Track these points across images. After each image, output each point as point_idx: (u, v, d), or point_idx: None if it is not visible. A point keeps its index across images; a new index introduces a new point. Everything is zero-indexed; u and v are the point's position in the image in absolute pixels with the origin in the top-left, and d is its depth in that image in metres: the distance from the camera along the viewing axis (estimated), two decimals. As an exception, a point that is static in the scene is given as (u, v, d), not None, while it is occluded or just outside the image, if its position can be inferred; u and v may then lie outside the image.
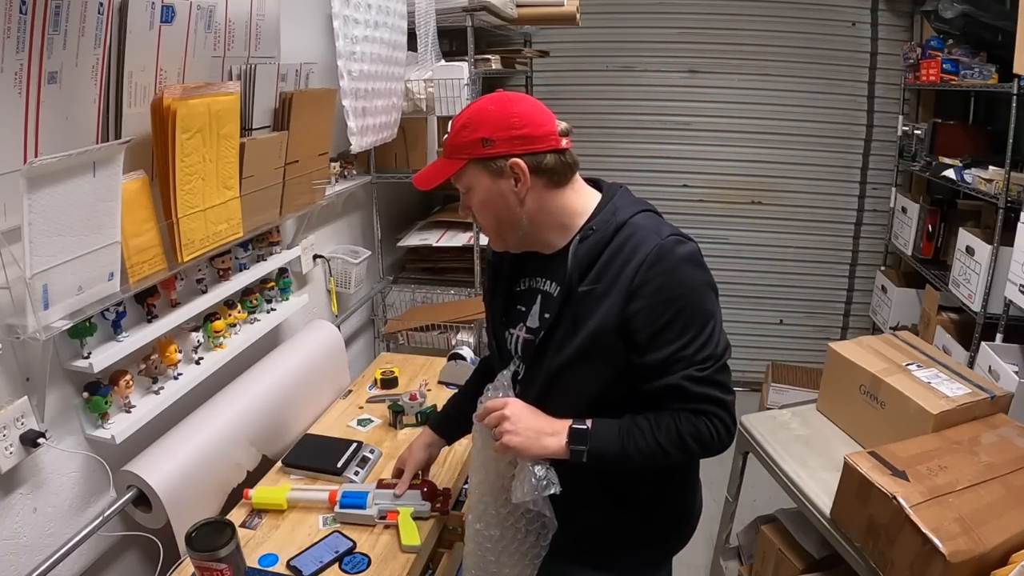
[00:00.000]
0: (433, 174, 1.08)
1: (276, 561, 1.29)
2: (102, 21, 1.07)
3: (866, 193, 3.35)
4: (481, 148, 1.01)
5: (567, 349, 1.04)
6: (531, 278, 1.15)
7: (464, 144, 1.03)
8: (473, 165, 1.03)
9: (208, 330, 1.51)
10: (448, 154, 1.06)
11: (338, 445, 1.64)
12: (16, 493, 1.14)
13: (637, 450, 1.01)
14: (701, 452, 1.03)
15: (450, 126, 1.07)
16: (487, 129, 1.01)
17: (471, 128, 1.02)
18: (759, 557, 1.81)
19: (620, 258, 1.00)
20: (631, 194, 1.11)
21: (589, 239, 1.03)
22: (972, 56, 2.54)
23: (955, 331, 2.48)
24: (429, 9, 2.18)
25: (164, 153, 1.21)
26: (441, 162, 1.08)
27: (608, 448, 1.02)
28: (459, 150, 1.04)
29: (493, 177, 1.03)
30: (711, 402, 1.00)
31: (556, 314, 1.05)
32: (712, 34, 3.24)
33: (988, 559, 1.14)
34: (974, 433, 1.44)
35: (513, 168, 1.02)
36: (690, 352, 0.98)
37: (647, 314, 0.98)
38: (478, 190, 1.05)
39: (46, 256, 0.98)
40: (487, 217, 1.08)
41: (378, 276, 2.58)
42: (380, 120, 2.02)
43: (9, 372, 1.09)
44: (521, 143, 1.01)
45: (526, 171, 1.02)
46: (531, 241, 1.10)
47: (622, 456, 1.02)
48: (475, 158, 1.03)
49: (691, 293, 0.99)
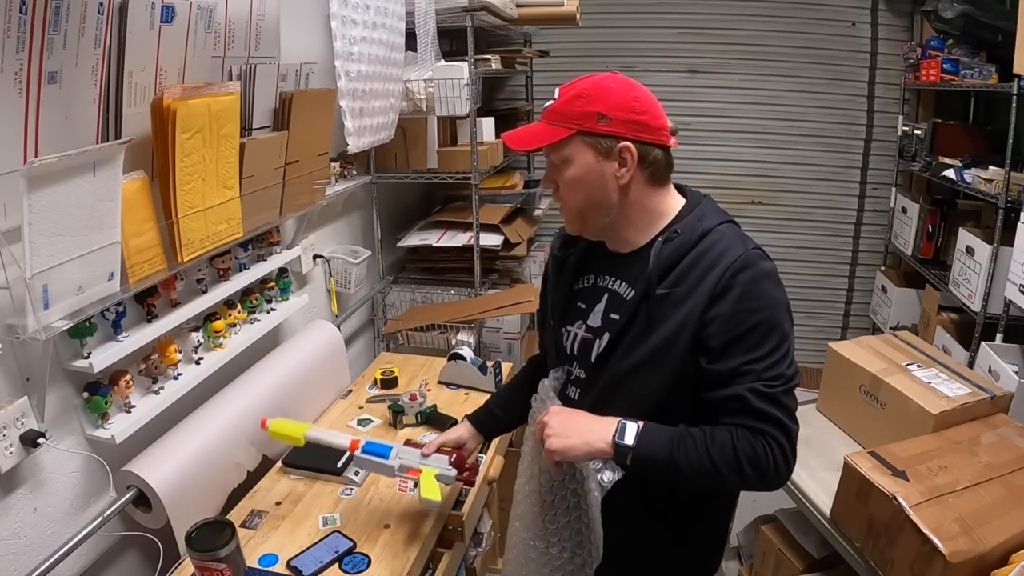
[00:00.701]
0: (531, 136, 1.02)
1: (276, 561, 1.29)
2: (102, 21, 1.07)
3: (866, 193, 3.35)
4: (595, 122, 0.96)
5: (637, 352, 1.00)
6: (598, 276, 1.11)
7: (575, 114, 0.97)
8: (580, 137, 0.98)
9: (208, 330, 1.51)
10: (552, 120, 1.00)
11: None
12: (16, 493, 1.14)
13: (687, 460, 0.94)
14: (755, 477, 0.93)
15: (557, 93, 1.02)
16: (605, 104, 0.96)
17: (587, 100, 0.97)
18: (759, 557, 1.81)
19: (703, 263, 0.97)
20: (716, 204, 1.07)
21: (673, 241, 0.99)
22: (972, 56, 2.54)
23: (955, 331, 2.48)
24: (429, 9, 2.18)
25: (164, 153, 1.21)
26: (542, 126, 1.01)
27: (656, 452, 0.95)
28: (568, 119, 0.98)
29: (597, 155, 0.98)
30: (772, 422, 0.92)
31: (630, 315, 1.01)
32: (712, 34, 3.24)
33: (988, 559, 1.14)
34: (974, 433, 1.44)
35: (622, 152, 0.97)
36: (761, 367, 0.93)
37: (726, 320, 0.94)
38: (576, 165, 0.99)
39: (46, 256, 0.98)
40: (576, 195, 1.02)
41: (378, 276, 2.58)
42: (377, 121, 2.02)
43: (9, 372, 1.09)
44: (636, 128, 0.97)
45: (635, 158, 0.98)
46: (610, 232, 1.06)
47: (669, 464, 0.94)
48: (585, 131, 0.97)
49: (772, 307, 0.95)
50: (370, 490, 1.52)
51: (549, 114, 1.01)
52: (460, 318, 2.43)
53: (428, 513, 1.44)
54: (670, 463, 0.94)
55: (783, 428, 0.93)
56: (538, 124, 1.03)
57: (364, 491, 1.52)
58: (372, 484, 1.54)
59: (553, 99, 1.02)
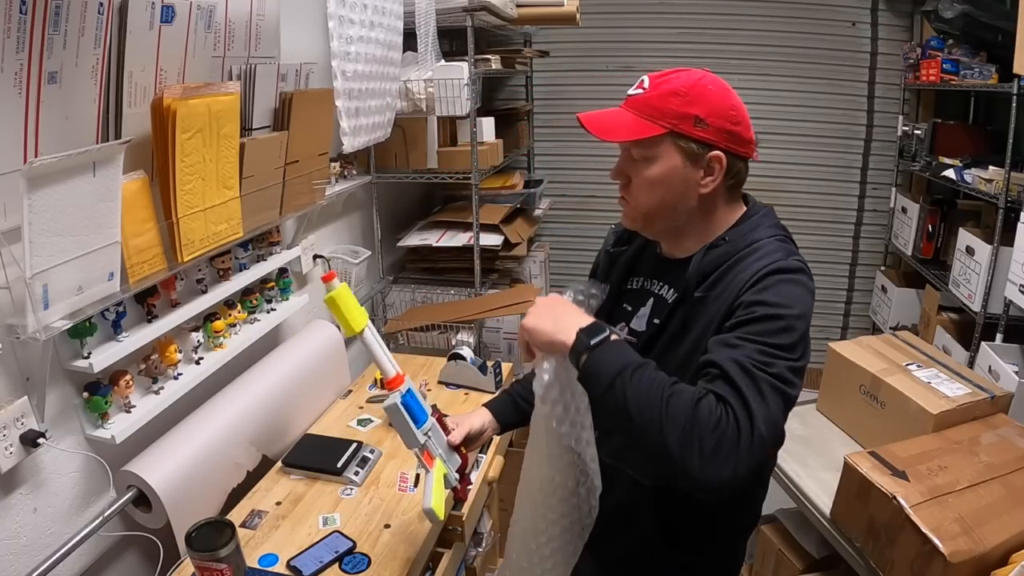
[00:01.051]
0: (618, 126, 0.95)
1: (276, 561, 1.29)
2: (102, 21, 1.07)
3: (866, 193, 3.35)
4: (691, 125, 0.91)
5: (672, 355, 0.96)
6: (647, 279, 1.08)
7: (671, 112, 0.92)
8: (672, 138, 0.92)
9: (208, 330, 1.51)
10: (643, 112, 0.93)
11: (338, 445, 1.64)
12: (16, 493, 1.14)
13: (637, 388, 0.81)
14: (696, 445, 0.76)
15: (648, 82, 0.95)
16: (703, 108, 0.92)
17: (686, 99, 0.92)
18: (759, 557, 1.81)
19: (740, 266, 0.93)
20: (775, 217, 1.03)
21: (719, 248, 0.97)
22: (972, 56, 2.54)
23: (955, 331, 2.48)
24: (429, 9, 2.18)
25: (164, 153, 1.21)
26: (630, 117, 0.94)
27: (610, 364, 0.83)
28: (662, 116, 0.92)
29: (685, 160, 0.93)
30: (742, 406, 0.79)
31: (667, 318, 0.98)
32: (712, 34, 3.24)
33: (988, 559, 1.14)
34: (974, 433, 1.44)
35: (712, 161, 0.93)
36: (756, 347, 0.84)
37: (745, 309, 0.88)
38: (660, 165, 0.94)
39: (46, 256, 0.98)
40: (651, 196, 0.96)
41: (378, 276, 2.58)
42: (373, 120, 2.02)
43: (9, 372, 1.09)
44: (729, 138, 0.94)
45: (724, 168, 0.94)
46: (669, 237, 1.02)
47: (616, 380, 0.82)
48: (679, 132, 0.92)
49: (797, 311, 0.87)
50: (370, 490, 1.52)
51: (639, 105, 0.95)
52: (460, 318, 2.44)
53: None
54: (617, 381, 0.81)
55: (751, 421, 0.78)
56: (623, 112, 0.96)
57: (364, 491, 1.52)
58: (372, 484, 1.55)
59: (643, 88, 0.96)
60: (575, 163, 3.49)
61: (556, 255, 3.45)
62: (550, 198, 3.34)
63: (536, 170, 3.55)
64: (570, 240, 3.61)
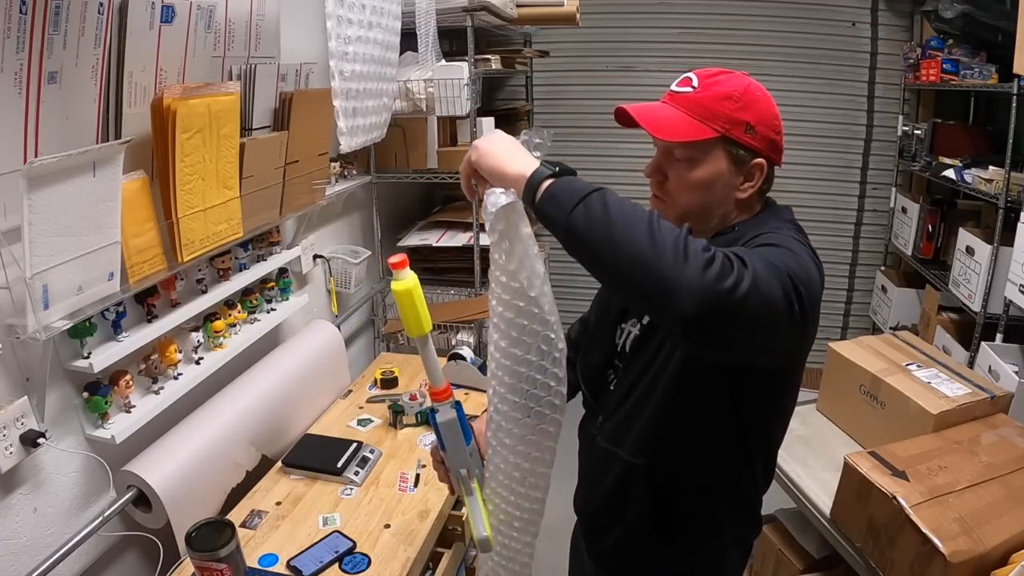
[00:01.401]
0: (671, 126, 0.91)
1: (276, 561, 1.29)
2: (102, 21, 1.07)
3: (866, 193, 3.35)
4: (742, 131, 0.90)
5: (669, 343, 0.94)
6: None
7: (725, 116, 0.90)
8: (723, 142, 0.91)
9: (208, 330, 1.51)
10: (695, 113, 0.91)
11: (338, 445, 1.64)
12: (16, 493, 1.14)
13: (613, 200, 0.74)
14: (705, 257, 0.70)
15: (697, 81, 0.93)
16: (755, 115, 0.91)
17: (739, 104, 0.90)
18: (759, 557, 1.81)
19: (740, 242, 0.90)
20: (792, 214, 1.01)
21: (726, 235, 0.95)
22: (972, 56, 2.54)
23: (955, 331, 2.48)
24: (429, 9, 2.18)
25: (164, 153, 1.21)
26: (684, 118, 0.91)
27: (579, 184, 0.77)
28: (716, 118, 0.90)
29: (731, 165, 0.92)
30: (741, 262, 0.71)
31: None
32: (712, 34, 3.24)
33: (988, 559, 1.14)
34: (974, 433, 1.44)
35: (754, 168, 0.93)
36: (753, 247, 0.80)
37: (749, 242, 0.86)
38: (706, 168, 0.92)
39: (46, 256, 0.98)
40: (692, 197, 0.94)
41: (378, 276, 2.58)
42: (370, 120, 2.02)
43: (9, 372, 1.09)
44: (771, 147, 0.93)
45: (764, 176, 0.93)
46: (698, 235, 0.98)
47: (589, 195, 0.74)
48: (731, 137, 0.90)
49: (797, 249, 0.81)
50: (370, 490, 1.52)
51: (690, 104, 0.92)
52: (460, 318, 2.44)
53: (428, 513, 1.44)
54: (595, 195, 0.74)
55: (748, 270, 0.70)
56: (672, 109, 0.93)
57: (364, 491, 1.52)
58: (372, 484, 1.55)
59: (691, 86, 0.93)
60: (575, 163, 3.43)
61: (556, 255, 3.45)
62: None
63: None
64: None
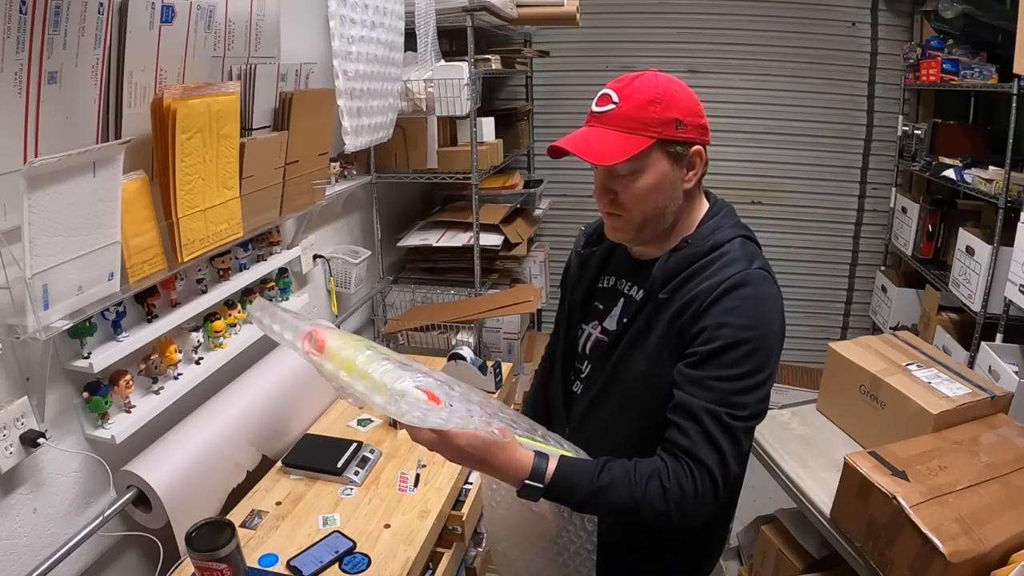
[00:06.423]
0: (610, 149, 0.93)
1: (276, 561, 1.29)
2: (102, 21, 1.07)
3: (866, 193, 3.35)
4: (674, 129, 0.93)
5: (636, 354, 1.00)
6: (617, 279, 1.10)
7: (654, 121, 0.92)
8: (659, 146, 0.94)
9: (208, 330, 1.51)
10: (628, 128, 0.93)
11: (338, 445, 1.64)
12: (16, 493, 1.14)
13: (606, 500, 0.90)
14: (679, 516, 0.90)
15: (617, 96, 0.94)
16: (679, 110, 0.93)
17: (663, 105, 0.92)
18: (759, 557, 1.81)
19: (704, 274, 0.96)
20: (736, 216, 1.05)
21: (682, 251, 0.99)
22: (972, 56, 2.54)
23: (955, 331, 2.48)
24: (429, 9, 2.18)
25: (164, 153, 1.21)
26: (617, 136, 0.93)
27: (570, 494, 0.91)
28: (647, 126, 0.92)
29: (672, 163, 0.95)
30: (716, 456, 0.89)
31: (632, 318, 1.01)
32: (712, 34, 3.24)
33: (988, 559, 1.14)
34: (974, 433, 1.44)
35: (693, 156, 0.96)
36: (730, 387, 0.90)
37: (712, 332, 0.92)
38: (650, 174, 0.95)
39: (46, 256, 0.98)
40: (645, 205, 0.97)
41: (378, 276, 2.58)
42: (375, 120, 2.02)
43: (9, 372, 1.09)
44: (702, 132, 0.97)
45: (704, 161, 0.97)
46: (655, 241, 1.03)
47: (587, 500, 0.91)
48: (665, 139, 0.93)
49: (763, 331, 0.93)
50: (370, 490, 1.52)
51: (617, 120, 0.94)
52: (460, 318, 2.44)
53: (428, 513, 1.44)
54: (591, 500, 0.90)
55: (724, 466, 0.90)
56: (601, 131, 0.95)
57: (364, 491, 1.52)
58: (372, 484, 1.55)
59: (612, 103, 0.94)
60: (575, 163, 3.42)
61: (556, 255, 3.45)
62: (550, 198, 3.34)
63: (536, 170, 3.55)
64: (570, 240, 3.56)
